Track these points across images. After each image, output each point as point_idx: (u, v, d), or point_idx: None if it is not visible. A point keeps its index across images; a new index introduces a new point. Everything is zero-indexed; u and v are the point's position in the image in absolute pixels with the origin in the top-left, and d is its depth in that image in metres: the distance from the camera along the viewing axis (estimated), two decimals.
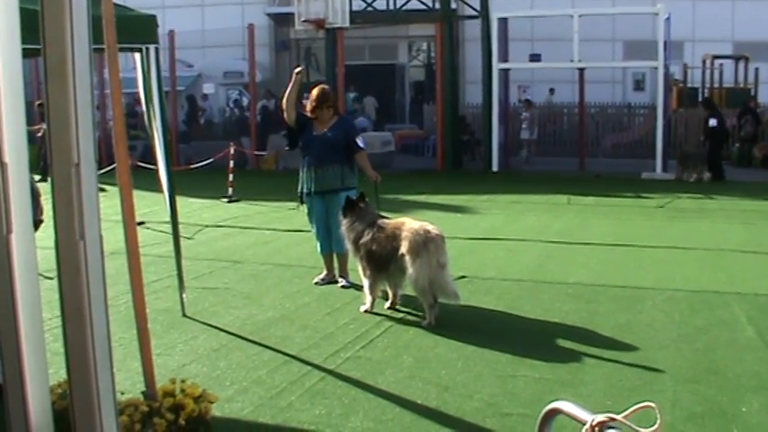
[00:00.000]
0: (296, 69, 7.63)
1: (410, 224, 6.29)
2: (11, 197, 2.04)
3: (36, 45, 2.02)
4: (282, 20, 25.20)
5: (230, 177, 13.77)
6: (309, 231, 7.82)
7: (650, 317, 6.29)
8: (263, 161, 19.16)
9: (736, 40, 24.17)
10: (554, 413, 1.84)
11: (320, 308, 6.65)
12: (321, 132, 7.28)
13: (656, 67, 17.42)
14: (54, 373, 3.07)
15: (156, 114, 5.80)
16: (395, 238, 6.24)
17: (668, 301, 6.75)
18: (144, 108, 5.92)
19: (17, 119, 2.05)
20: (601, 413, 1.68)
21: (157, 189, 6.27)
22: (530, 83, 23.65)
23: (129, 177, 3.97)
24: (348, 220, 6.66)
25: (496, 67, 17.97)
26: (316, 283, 7.43)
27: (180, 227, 6.53)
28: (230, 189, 13.63)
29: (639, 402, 1.75)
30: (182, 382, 4.03)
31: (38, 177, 11.40)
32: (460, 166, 18.91)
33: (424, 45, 28.54)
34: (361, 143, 7.38)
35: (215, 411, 4.09)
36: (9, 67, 2.02)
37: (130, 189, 3.99)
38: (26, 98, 2.15)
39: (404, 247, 6.11)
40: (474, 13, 19.75)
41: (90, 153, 2.09)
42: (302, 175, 7.39)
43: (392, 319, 6.32)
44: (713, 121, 16.91)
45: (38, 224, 4.38)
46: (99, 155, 2.46)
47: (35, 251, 2.15)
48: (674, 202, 13.24)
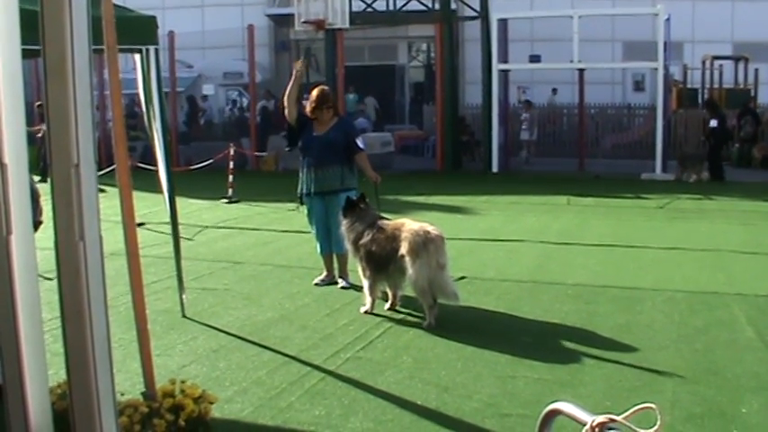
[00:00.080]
0: (296, 65, 7.57)
1: (410, 225, 6.29)
2: (10, 198, 2.04)
3: (36, 45, 2.02)
4: (282, 21, 25.20)
5: (230, 178, 13.76)
6: (309, 232, 7.82)
7: (650, 317, 6.29)
8: (262, 162, 19.14)
9: (735, 40, 24.16)
10: (554, 414, 1.83)
11: (320, 309, 6.65)
12: (321, 133, 7.27)
13: (655, 68, 17.42)
14: (54, 374, 3.07)
15: (156, 115, 5.79)
16: (394, 238, 6.23)
17: (668, 301, 6.75)
18: (144, 109, 5.92)
19: (17, 119, 2.05)
20: (601, 414, 1.68)
21: (157, 190, 6.26)
22: (529, 84, 23.64)
23: (129, 178, 3.98)
24: (348, 220, 6.66)
25: (496, 67, 17.98)
26: (315, 284, 7.42)
27: (180, 228, 6.53)
28: (230, 190, 13.62)
29: (639, 403, 1.75)
30: (181, 382, 4.03)
31: (37, 178, 11.37)
32: (460, 166, 18.90)
33: (424, 46, 28.52)
34: (360, 144, 7.38)
35: (215, 412, 4.09)
36: (9, 67, 2.02)
37: (130, 190, 3.99)
38: (26, 99, 2.15)
39: (403, 248, 6.11)
40: (474, 13, 19.76)
41: (90, 154, 2.09)
42: (302, 175, 7.39)
43: (392, 319, 6.32)
44: (713, 122, 16.95)
45: (37, 225, 4.37)
46: (99, 156, 2.46)
47: (35, 252, 2.15)
48: (673, 203, 13.24)
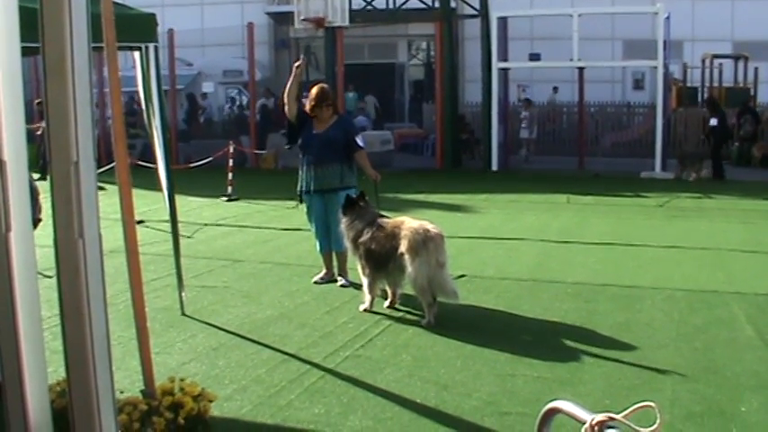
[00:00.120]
0: (296, 63, 7.61)
1: (409, 223, 6.29)
2: (10, 196, 2.04)
3: (35, 43, 2.01)
4: (282, 18, 25.18)
5: (230, 176, 13.76)
6: (308, 230, 7.82)
7: (649, 316, 6.29)
8: (262, 160, 19.14)
9: (735, 39, 24.15)
10: (553, 412, 1.83)
11: (319, 306, 6.65)
12: (320, 131, 7.27)
13: (655, 67, 17.43)
14: (53, 372, 3.07)
15: (156, 113, 5.79)
16: (394, 236, 6.23)
17: (667, 300, 6.75)
18: (143, 107, 5.92)
19: (16, 117, 2.05)
20: (600, 412, 1.67)
21: (157, 188, 6.27)
22: (529, 82, 23.64)
23: (129, 176, 3.98)
24: (348, 218, 6.66)
25: (496, 66, 17.97)
26: (315, 282, 7.42)
27: (179, 225, 6.53)
28: (230, 188, 13.62)
29: (638, 401, 1.74)
30: (181, 380, 4.02)
31: (37, 176, 11.36)
32: (460, 165, 18.90)
33: (424, 44, 28.49)
34: (360, 142, 7.38)
35: (214, 410, 4.09)
36: (8, 65, 2.02)
37: (130, 187, 3.99)
38: (25, 96, 2.15)
39: (403, 246, 6.11)
40: (474, 12, 19.75)
41: (89, 151, 2.09)
42: (301, 173, 7.39)
43: (391, 317, 6.32)
44: (713, 121, 16.98)
45: (37, 222, 4.37)
46: (98, 153, 2.46)
47: (34, 250, 2.15)
48: (673, 202, 13.24)
